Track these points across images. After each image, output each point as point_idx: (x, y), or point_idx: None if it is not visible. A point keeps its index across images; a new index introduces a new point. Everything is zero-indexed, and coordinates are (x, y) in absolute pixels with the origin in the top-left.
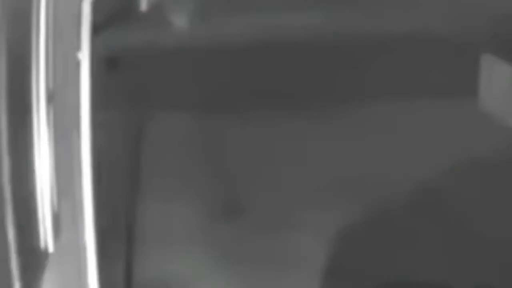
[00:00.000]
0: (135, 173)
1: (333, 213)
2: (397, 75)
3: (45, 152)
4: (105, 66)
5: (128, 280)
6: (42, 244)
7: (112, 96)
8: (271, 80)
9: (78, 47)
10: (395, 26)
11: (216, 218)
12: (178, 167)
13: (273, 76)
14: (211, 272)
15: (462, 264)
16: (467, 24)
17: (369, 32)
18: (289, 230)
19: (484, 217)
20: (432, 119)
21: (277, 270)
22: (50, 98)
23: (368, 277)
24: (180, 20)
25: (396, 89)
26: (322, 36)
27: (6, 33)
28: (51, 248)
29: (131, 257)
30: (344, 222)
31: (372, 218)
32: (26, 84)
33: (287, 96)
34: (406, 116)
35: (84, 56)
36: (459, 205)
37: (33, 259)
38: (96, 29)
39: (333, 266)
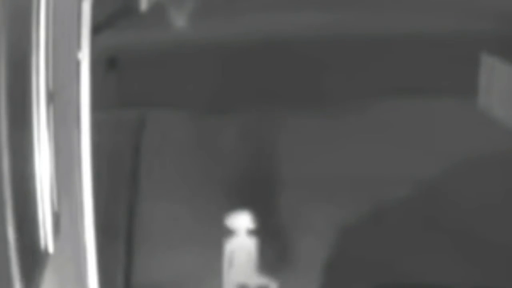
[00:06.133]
0: (135, 173)
1: (334, 214)
2: (396, 75)
3: (45, 152)
4: (105, 66)
5: (128, 280)
6: (42, 244)
7: (112, 96)
8: (269, 80)
9: (78, 47)
10: (395, 26)
11: (216, 218)
12: (178, 167)
13: (271, 76)
14: (210, 271)
15: (463, 265)
16: (467, 25)
17: (370, 32)
18: (289, 230)
19: (484, 217)
20: (432, 119)
21: (277, 269)
22: (50, 98)
23: (369, 277)
24: (180, 20)
25: (395, 89)
26: (322, 36)
27: (6, 33)
28: (51, 248)
29: (130, 257)
30: (344, 222)
31: (372, 218)
32: (26, 84)
33: (286, 96)
34: (406, 115)
35: (84, 56)
36: (460, 205)
37: (33, 259)
38: (96, 29)
39: (333, 266)
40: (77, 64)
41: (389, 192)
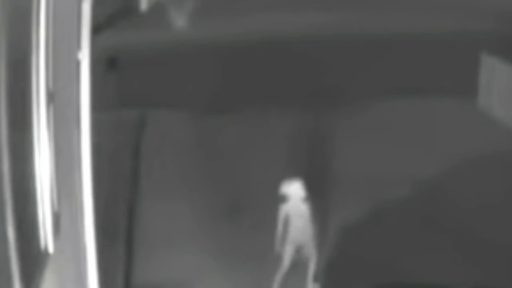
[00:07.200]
0: (135, 173)
1: (334, 213)
2: (396, 75)
3: (45, 152)
4: (105, 66)
5: (128, 280)
6: (42, 244)
7: (112, 96)
8: (269, 80)
9: (78, 47)
10: (395, 26)
11: (216, 218)
12: (178, 167)
13: (271, 76)
14: (210, 270)
15: (463, 265)
16: (467, 25)
17: (370, 32)
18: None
19: (484, 217)
20: (432, 119)
21: (277, 269)
22: (50, 98)
23: (369, 277)
24: (180, 20)
25: (395, 89)
26: (322, 36)
27: (6, 33)
28: (51, 248)
29: (130, 257)
30: (344, 222)
31: (372, 218)
32: (26, 84)
33: (286, 96)
34: (406, 115)
35: (84, 56)
36: (460, 205)
37: (33, 259)
38: (96, 29)
39: (333, 266)
40: (77, 64)
41: (389, 192)
